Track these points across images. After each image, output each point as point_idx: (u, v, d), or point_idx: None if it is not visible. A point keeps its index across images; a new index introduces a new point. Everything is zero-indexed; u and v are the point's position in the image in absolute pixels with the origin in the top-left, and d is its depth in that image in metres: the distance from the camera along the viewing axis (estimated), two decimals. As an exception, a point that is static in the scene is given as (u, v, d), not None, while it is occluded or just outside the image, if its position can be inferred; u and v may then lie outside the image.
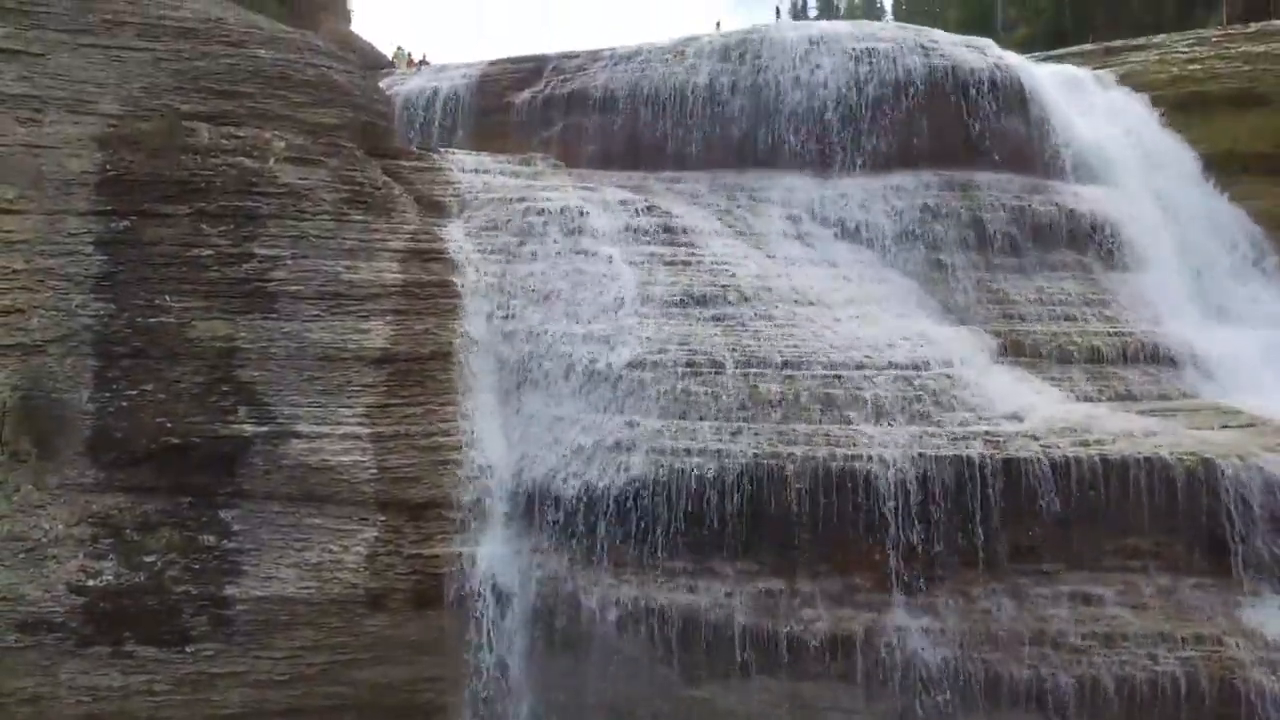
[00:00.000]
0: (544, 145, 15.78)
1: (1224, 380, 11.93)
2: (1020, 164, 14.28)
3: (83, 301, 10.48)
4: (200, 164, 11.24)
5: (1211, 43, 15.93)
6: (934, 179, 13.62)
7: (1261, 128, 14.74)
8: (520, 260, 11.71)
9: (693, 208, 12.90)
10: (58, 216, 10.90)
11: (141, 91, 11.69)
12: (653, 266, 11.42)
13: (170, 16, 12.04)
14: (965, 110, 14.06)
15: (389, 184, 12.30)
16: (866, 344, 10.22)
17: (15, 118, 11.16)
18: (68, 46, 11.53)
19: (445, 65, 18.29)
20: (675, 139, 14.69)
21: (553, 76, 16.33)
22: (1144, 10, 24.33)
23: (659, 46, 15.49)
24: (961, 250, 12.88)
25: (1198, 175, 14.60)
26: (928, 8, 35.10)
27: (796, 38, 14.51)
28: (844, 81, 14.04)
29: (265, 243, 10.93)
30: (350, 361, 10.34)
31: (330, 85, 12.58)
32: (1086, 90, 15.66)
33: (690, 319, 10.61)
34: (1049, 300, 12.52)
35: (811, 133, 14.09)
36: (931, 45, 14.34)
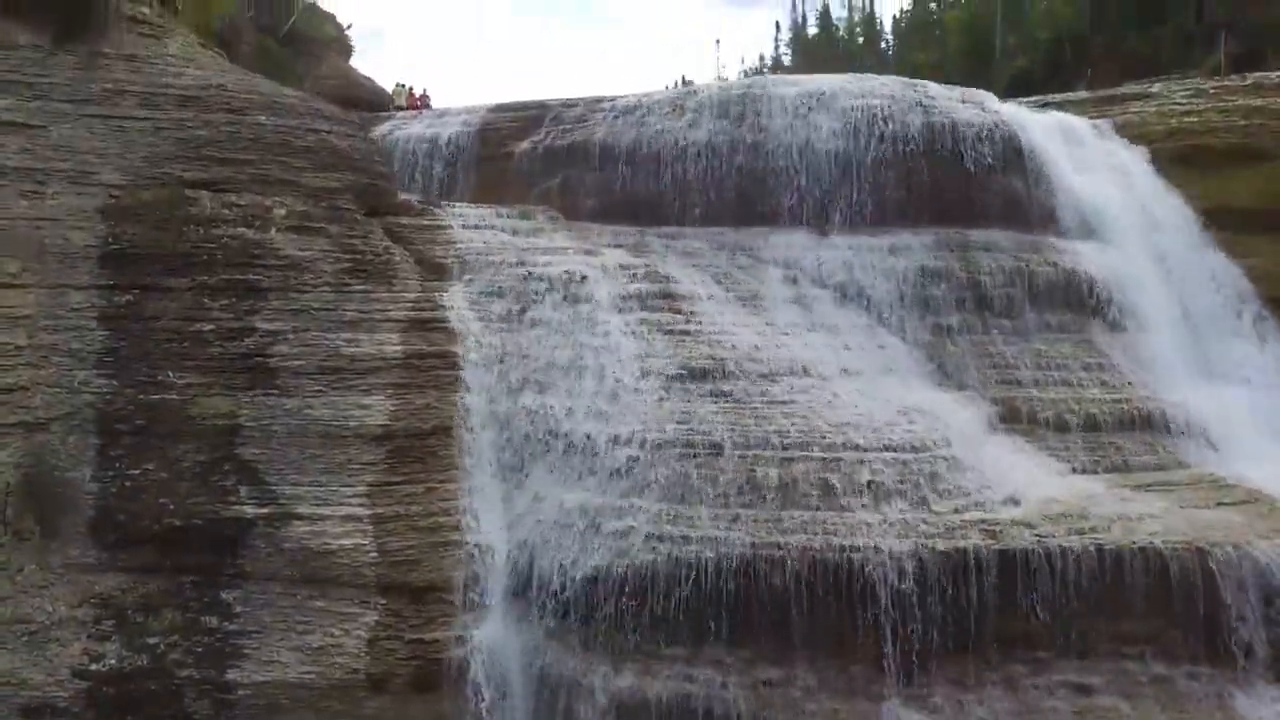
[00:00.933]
0: (544, 196, 15.86)
1: (1220, 447, 12.02)
2: (1018, 220, 14.37)
3: (86, 378, 10.56)
4: (202, 235, 11.32)
5: (1209, 94, 15.99)
6: (932, 238, 13.70)
7: (1258, 183, 14.80)
8: (521, 329, 11.78)
9: (691, 270, 12.96)
10: (60, 290, 10.98)
11: (143, 161, 11.76)
12: (652, 336, 11.48)
13: (173, 84, 12.12)
14: (963, 168, 14.12)
15: (389, 249, 12.36)
16: (864, 423, 10.27)
17: (18, 191, 11.22)
18: (70, 117, 11.60)
19: (445, 111, 18.34)
20: (675, 195, 14.74)
21: (553, 126, 16.39)
22: (1142, 45, 24.37)
23: (658, 100, 15.57)
24: (959, 313, 12.96)
25: (1195, 231, 14.66)
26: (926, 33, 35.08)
27: (795, 94, 14.57)
28: (842, 139, 14.09)
29: (267, 316, 11.00)
30: (351, 439, 10.40)
31: (330, 150, 12.66)
32: (1084, 142, 15.71)
33: (689, 395, 10.68)
34: (1047, 364, 12.59)
35: (810, 190, 14.14)
36: (929, 102, 14.41)
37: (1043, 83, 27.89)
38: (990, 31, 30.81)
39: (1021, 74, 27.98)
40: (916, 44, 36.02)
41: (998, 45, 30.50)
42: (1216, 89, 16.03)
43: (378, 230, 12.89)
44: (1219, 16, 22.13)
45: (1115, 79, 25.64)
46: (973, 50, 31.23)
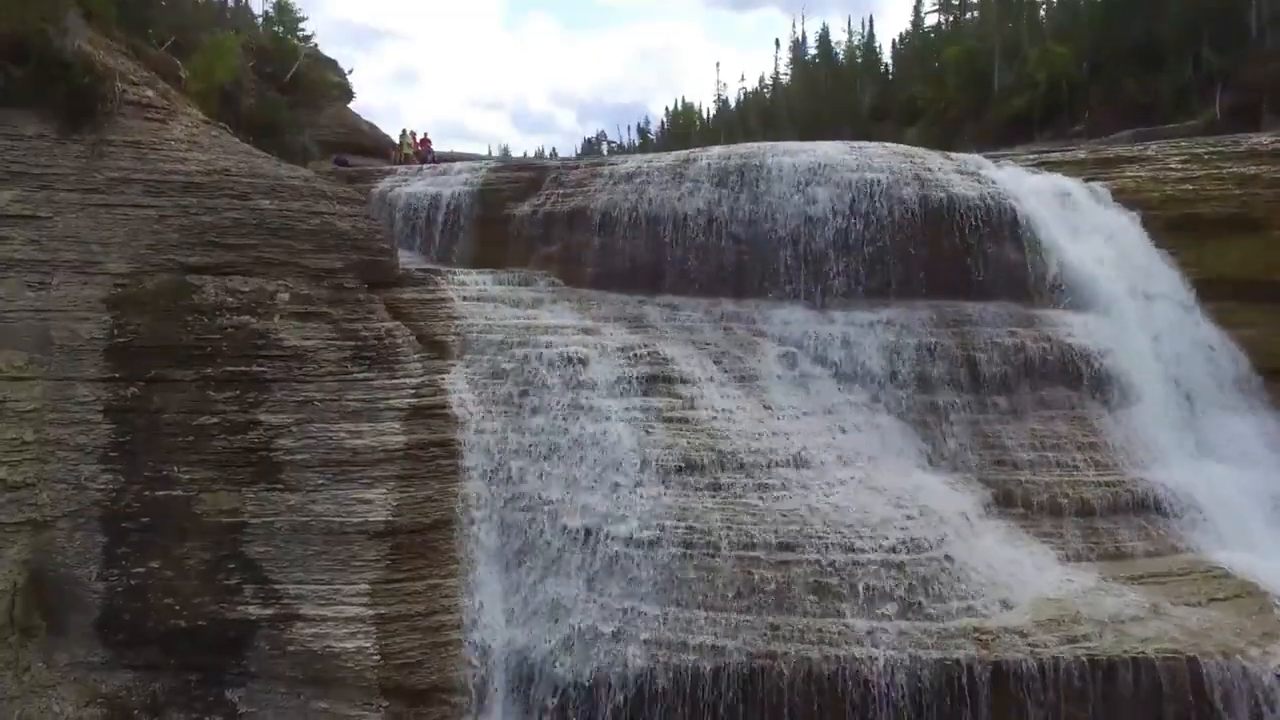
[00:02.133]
0: (545, 261, 16.00)
1: (1212, 530, 12.14)
2: (1014, 292, 14.50)
3: (92, 473, 10.71)
4: (207, 325, 11.47)
5: (1203, 160, 16.09)
6: (929, 312, 13.83)
7: (1252, 253, 14.90)
8: (522, 414, 11.91)
9: (690, 349, 13.07)
10: (67, 383, 11.13)
11: (148, 249, 11.91)
12: (651, 425, 11.62)
13: (178, 170, 12.24)
14: (960, 240, 14.25)
15: (391, 332, 12.49)
16: (861, 520, 10.41)
17: (24, 282, 11.38)
18: (76, 207, 11.74)
19: (446, 169, 18.42)
20: (674, 263, 14.87)
21: (552, 189, 16.52)
22: (1140, 93, 24.50)
23: (658, 166, 15.67)
24: (955, 391, 13.09)
25: (1189, 302, 14.78)
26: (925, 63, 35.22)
27: (793, 165, 14.69)
28: (841, 212, 14.21)
29: (271, 408, 11.14)
30: (354, 535, 10.55)
31: (333, 232, 12.80)
32: (1080, 207, 15.80)
33: (687, 489, 10.82)
34: (1041, 445, 12.72)
35: (808, 262, 14.26)
36: (927, 175, 14.53)
37: (1040, 123, 28.14)
38: (989, 67, 30.95)
39: (1019, 114, 28.16)
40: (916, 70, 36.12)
41: (995, 81, 30.66)
42: (1211, 154, 16.14)
43: (380, 308, 13.05)
44: (1215, 68, 22.25)
45: (1113, 124, 25.90)
46: (971, 85, 31.38)
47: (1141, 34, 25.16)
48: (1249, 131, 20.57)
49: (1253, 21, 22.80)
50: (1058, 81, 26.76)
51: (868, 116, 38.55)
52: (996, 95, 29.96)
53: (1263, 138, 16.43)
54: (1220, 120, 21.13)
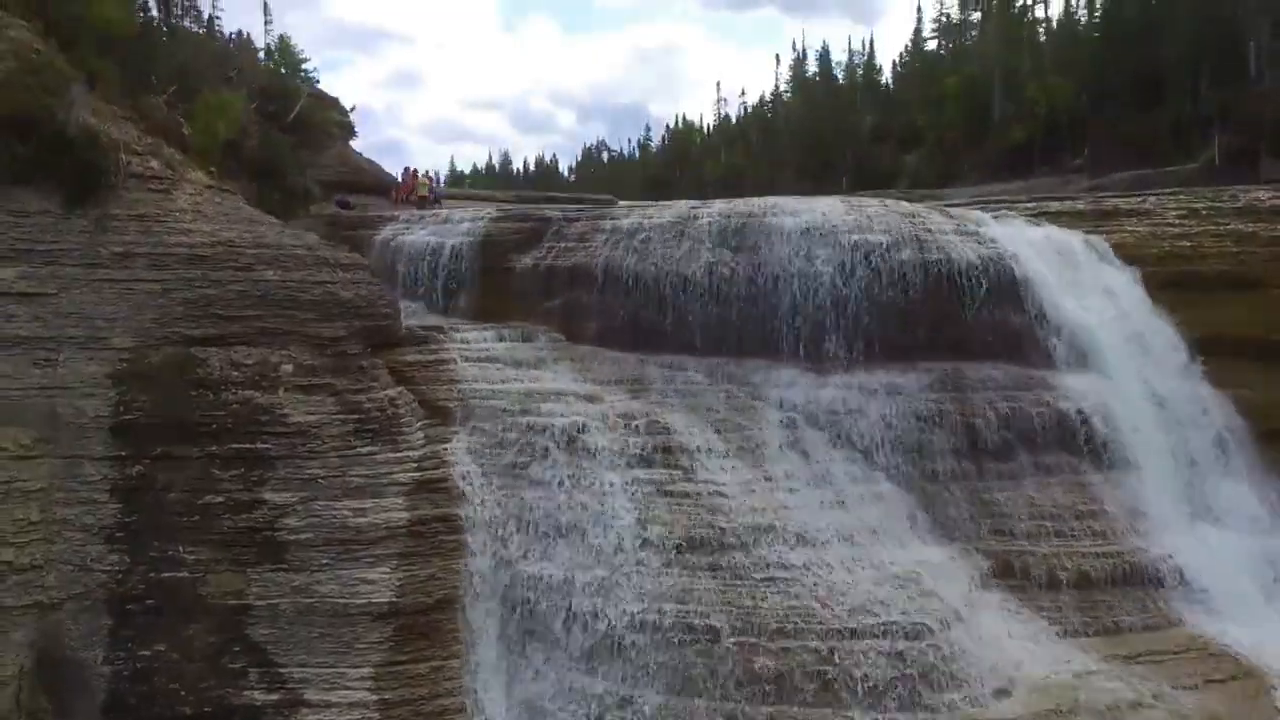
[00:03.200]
0: (547, 316, 16.06)
1: (1211, 602, 12.23)
2: (1013, 353, 14.59)
3: (98, 554, 10.79)
4: (212, 401, 11.53)
5: (1201, 215, 16.18)
6: (929, 376, 13.92)
7: (1249, 312, 14.98)
8: (523, 485, 12.01)
9: (690, 416, 13.15)
10: (74, 461, 11.21)
11: (153, 322, 11.98)
12: (652, 499, 11.72)
13: (182, 243, 12.29)
14: (959, 302, 14.36)
15: (394, 401, 12.54)
16: (860, 603, 10.51)
17: (31, 360, 11.45)
18: (81, 282, 11.81)
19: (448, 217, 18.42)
20: (675, 323, 14.94)
21: (554, 242, 16.59)
22: (1139, 132, 24.54)
23: (659, 222, 15.72)
24: (955, 458, 13.20)
25: (1186, 361, 14.84)
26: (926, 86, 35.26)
27: (794, 226, 14.77)
28: (841, 274, 14.30)
29: (275, 486, 11.22)
30: (358, 616, 10.63)
31: (336, 301, 12.84)
32: (1079, 263, 15.88)
33: (688, 569, 10.92)
34: (1039, 514, 12.82)
35: (808, 324, 14.34)
36: (927, 237, 14.61)
37: (1040, 155, 28.22)
38: (988, 97, 31.02)
39: (1019, 146, 28.24)
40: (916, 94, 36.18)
41: (995, 110, 30.73)
42: (1209, 210, 16.22)
43: (383, 373, 13.13)
44: (1214, 106, 22.31)
45: (1112, 159, 25.99)
46: (971, 114, 31.46)
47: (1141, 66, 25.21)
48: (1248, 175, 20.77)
49: (1251, 59, 22.89)
50: (1057, 114, 26.84)
51: (868, 138, 38.61)
52: (996, 124, 30.04)
53: (1260, 193, 16.50)
54: (1219, 164, 21.21)
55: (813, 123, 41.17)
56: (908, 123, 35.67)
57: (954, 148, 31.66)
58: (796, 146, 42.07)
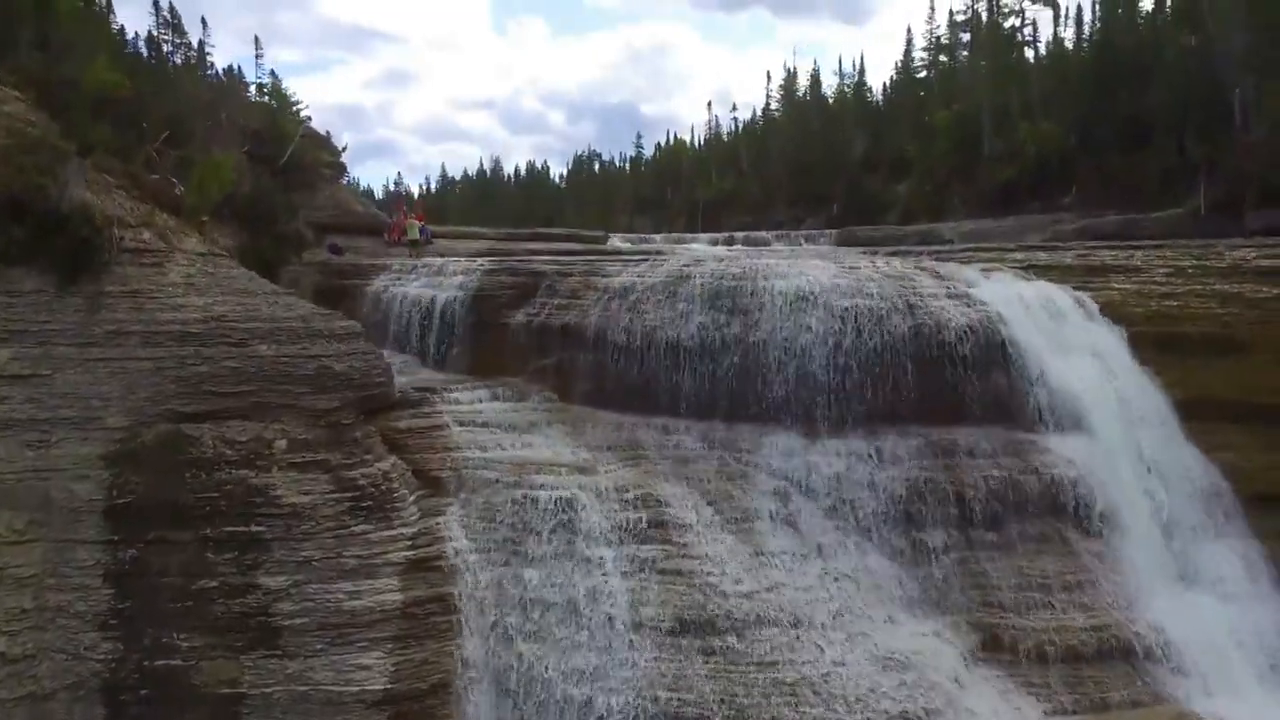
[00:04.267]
0: (540, 374, 16.15)
1: (1198, 676, 12.37)
2: (1002, 416, 14.71)
3: (92, 642, 10.81)
4: (205, 482, 11.55)
5: (1188, 274, 16.33)
6: (918, 442, 14.03)
7: (1235, 374, 15.12)
8: (516, 562, 12.08)
9: (683, 487, 13.22)
10: (66, 546, 11.23)
11: (146, 401, 12.00)
12: (645, 578, 11.81)
13: (175, 320, 12.32)
14: (949, 367, 14.46)
15: (388, 475, 12.57)
16: (852, 689, 10.64)
17: (23, 442, 11.48)
18: (74, 362, 11.83)
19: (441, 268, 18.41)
20: (668, 385, 14.96)
21: (547, 298, 16.63)
22: (1127, 174, 24.78)
23: (651, 283, 15.76)
24: (944, 529, 13.29)
25: (1173, 424, 14.97)
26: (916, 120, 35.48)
27: (785, 289, 14.87)
28: (831, 339, 14.37)
29: (270, 570, 11.25)
30: (352, 705, 10.70)
31: (330, 374, 12.89)
32: (1068, 321, 16.01)
33: (680, 652, 11.02)
34: (1028, 584, 12.93)
35: (799, 389, 14.40)
36: (917, 301, 14.72)
37: (1029, 192, 28.47)
38: (978, 132, 31.26)
39: (1008, 184, 28.49)
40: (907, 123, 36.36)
41: (985, 145, 30.97)
42: (1195, 268, 16.37)
43: (376, 442, 13.18)
44: (1200, 156, 22.54)
45: (1100, 199, 26.27)
46: (961, 147, 31.69)
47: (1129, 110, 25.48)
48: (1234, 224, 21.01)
49: (1237, 109, 23.14)
50: (1046, 155, 27.11)
51: (859, 165, 38.80)
52: (986, 159, 30.29)
53: (1247, 251, 16.68)
54: (1204, 214, 21.43)
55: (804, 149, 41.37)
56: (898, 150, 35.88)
57: (945, 180, 31.92)
58: (788, 172, 42.27)
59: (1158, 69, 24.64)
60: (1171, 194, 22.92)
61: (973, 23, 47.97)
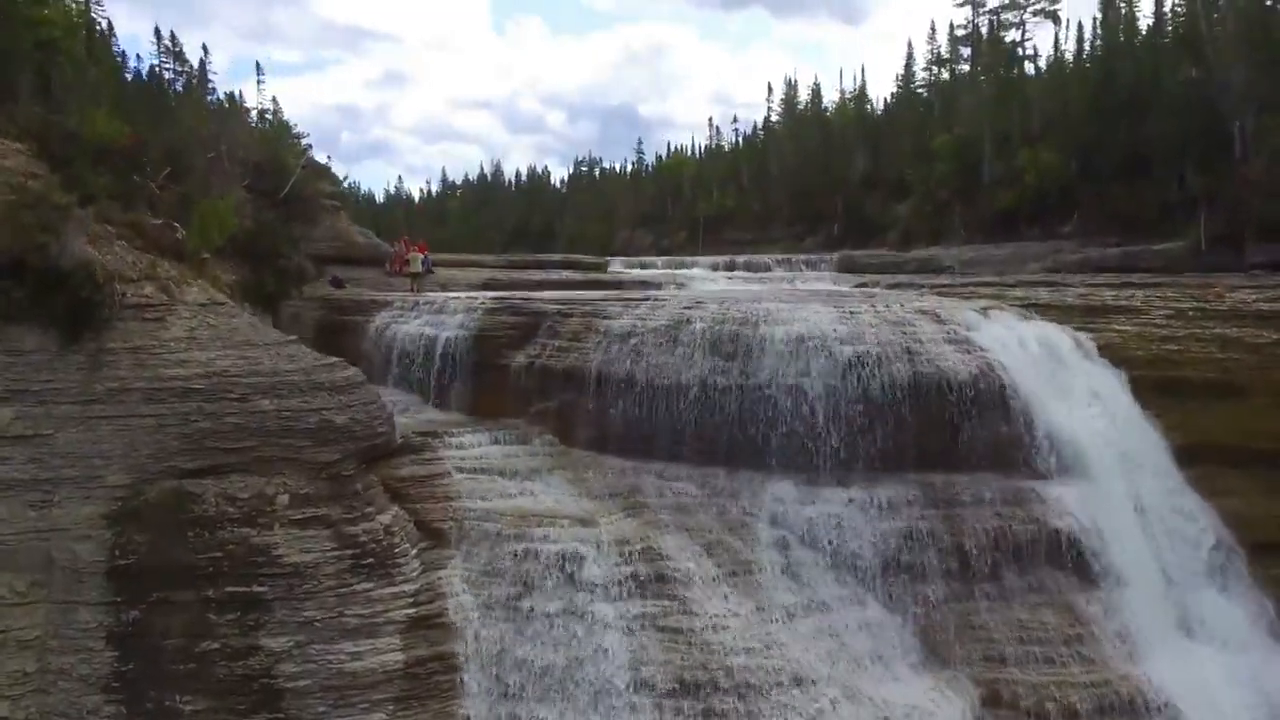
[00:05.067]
0: (541, 417, 16.18)
1: (1196, 730, 12.42)
2: (1002, 463, 14.75)
3: (94, 705, 10.82)
4: (208, 542, 11.55)
5: (1188, 317, 16.41)
6: (918, 490, 14.06)
7: (1235, 419, 15.22)
8: (518, 618, 12.08)
9: (684, 538, 13.23)
10: (69, 607, 11.23)
11: (148, 458, 11.99)
12: (646, 636, 11.82)
13: (177, 376, 12.30)
14: (949, 414, 14.50)
15: (390, 529, 12.58)
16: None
17: (26, 502, 11.49)
18: (76, 420, 11.82)
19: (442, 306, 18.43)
20: (669, 431, 15.02)
21: (548, 339, 16.68)
22: (1126, 202, 24.80)
23: (653, 327, 15.78)
24: (945, 580, 13.32)
25: (1173, 470, 15.04)
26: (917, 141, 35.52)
27: (785, 336, 14.89)
28: (832, 386, 14.41)
29: (272, 631, 11.25)
30: (355, 771, 10.73)
31: (331, 427, 12.88)
32: (1067, 362, 16.09)
33: (681, 715, 11.03)
34: (1028, 638, 12.95)
35: (799, 436, 14.43)
36: (917, 348, 14.74)
37: (1028, 219, 28.51)
38: (979, 157, 31.30)
39: (1008, 211, 28.55)
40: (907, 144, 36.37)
41: (985, 173, 31.02)
42: (1195, 311, 16.46)
43: (378, 493, 13.20)
44: (1199, 187, 22.57)
45: (1100, 227, 26.31)
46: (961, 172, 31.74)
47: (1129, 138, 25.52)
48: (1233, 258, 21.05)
49: (1236, 142, 23.17)
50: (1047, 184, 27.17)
51: (859, 184, 38.83)
52: (987, 184, 30.33)
53: (1246, 293, 16.75)
54: (1204, 248, 21.47)
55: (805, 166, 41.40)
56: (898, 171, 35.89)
57: (946, 202, 31.95)
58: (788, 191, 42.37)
59: (1158, 100, 24.70)
60: (1171, 224, 22.93)
61: (973, 37, 48.17)
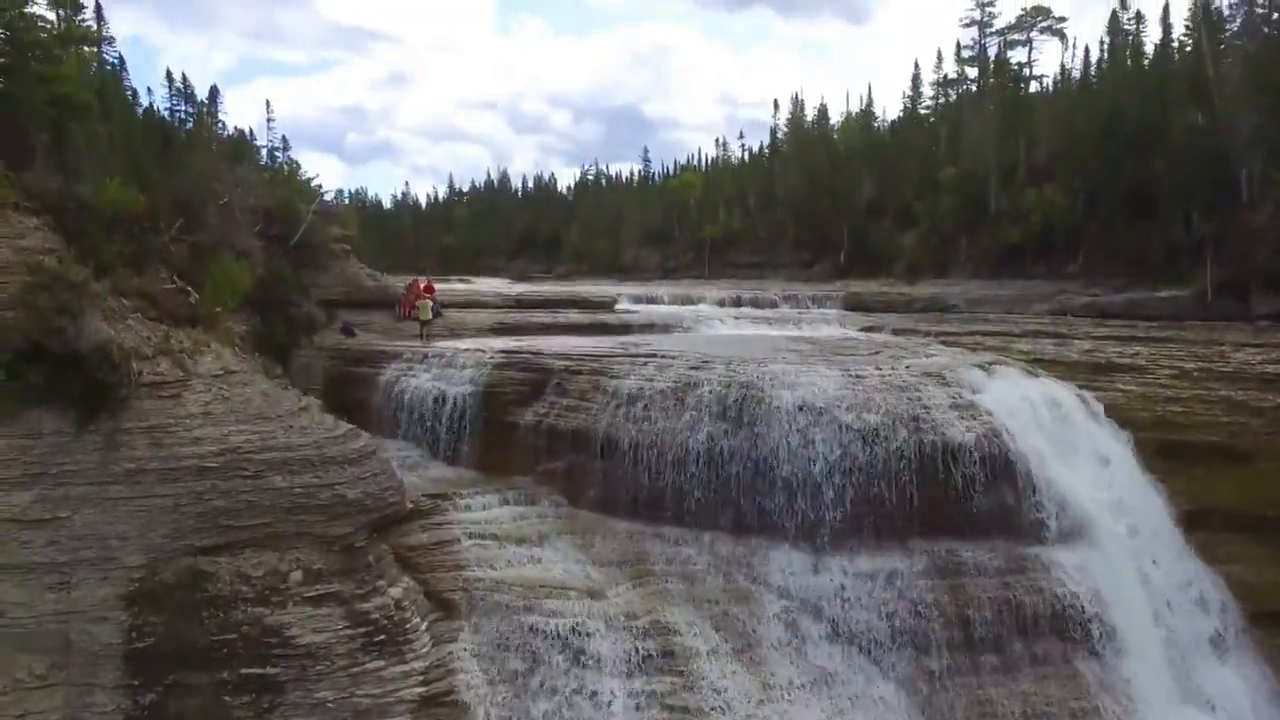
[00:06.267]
0: (549, 476, 16.32)
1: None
2: (1007, 529, 14.84)
3: (111, 794, 11.02)
4: (222, 623, 11.71)
5: (1193, 378, 16.49)
6: (924, 561, 14.16)
7: (1241, 485, 15.29)
8: (527, 696, 12.26)
9: (690, 611, 13.41)
10: (86, 690, 11.40)
11: (164, 538, 12.18)
12: (654, 713, 11.97)
13: (192, 454, 12.48)
14: (955, 481, 14.58)
15: (400, 603, 12.74)
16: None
17: (44, 584, 11.66)
18: (94, 501, 12.01)
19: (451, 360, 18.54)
20: (675, 494, 15.12)
21: (556, 397, 16.82)
22: (1132, 244, 24.83)
23: (660, 388, 15.90)
24: (950, 652, 13.43)
25: (1177, 536, 15.13)
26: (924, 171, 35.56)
27: (791, 402, 14.99)
28: (837, 454, 14.51)
29: (285, 714, 11.44)
30: None
31: (343, 502, 13.08)
32: (1074, 423, 16.18)
33: (689, 797, 11.16)
34: (1034, 712, 13.08)
35: (805, 502, 14.53)
36: (922, 414, 14.84)
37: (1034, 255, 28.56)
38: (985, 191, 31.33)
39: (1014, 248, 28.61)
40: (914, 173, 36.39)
41: (992, 205, 31.03)
42: (1200, 372, 16.53)
43: (389, 565, 13.37)
44: (1205, 232, 22.59)
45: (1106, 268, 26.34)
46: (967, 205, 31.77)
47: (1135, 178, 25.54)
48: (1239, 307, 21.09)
49: (1243, 186, 23.16)
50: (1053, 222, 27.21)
51: (865, 210, 38.86)
52: (993, 216, 30.37)
53: (1251, 353, 16.81)
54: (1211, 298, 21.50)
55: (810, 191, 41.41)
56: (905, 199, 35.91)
57: (952, 234, 32.00)
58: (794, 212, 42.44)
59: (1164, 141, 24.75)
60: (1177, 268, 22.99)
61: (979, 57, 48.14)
